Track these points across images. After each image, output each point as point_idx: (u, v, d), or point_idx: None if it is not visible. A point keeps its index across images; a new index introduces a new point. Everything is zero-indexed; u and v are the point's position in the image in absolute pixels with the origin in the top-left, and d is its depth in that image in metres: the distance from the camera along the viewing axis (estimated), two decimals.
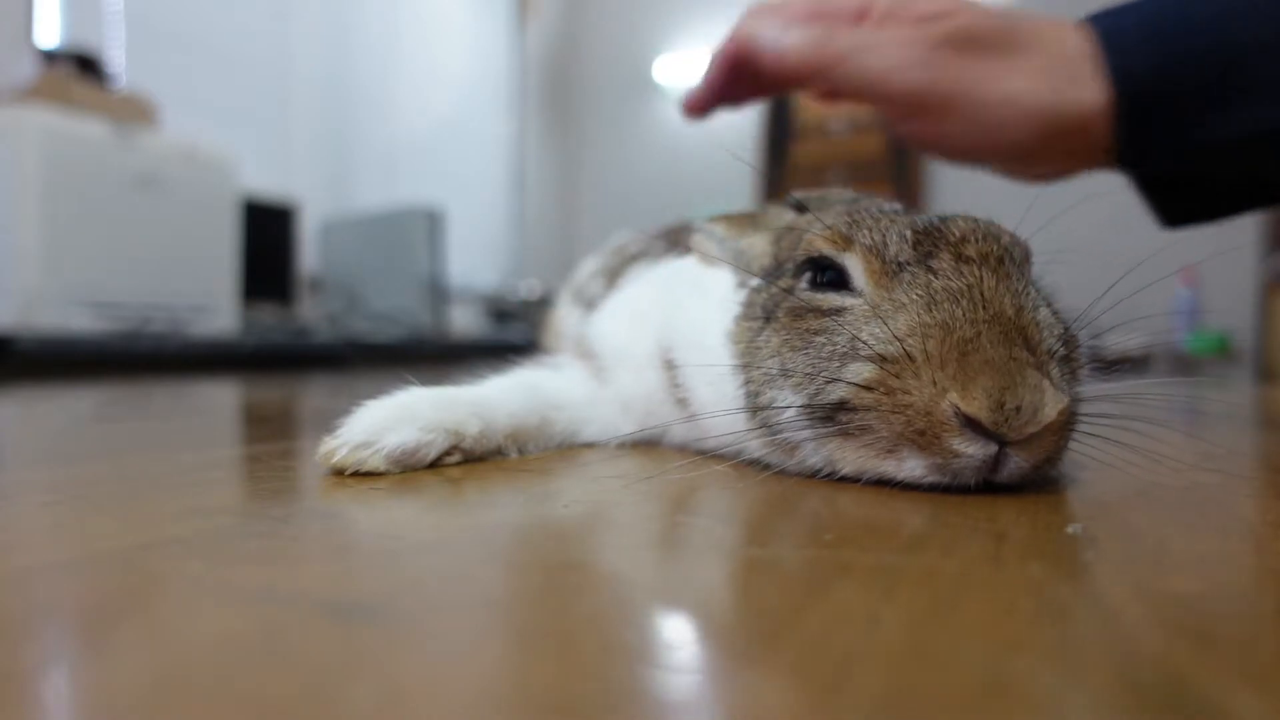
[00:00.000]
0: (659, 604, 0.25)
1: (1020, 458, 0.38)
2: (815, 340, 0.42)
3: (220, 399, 1.21)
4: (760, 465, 0.46)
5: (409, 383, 0.48)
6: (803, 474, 0.44)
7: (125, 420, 0.89)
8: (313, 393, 1.36)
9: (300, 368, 2.30)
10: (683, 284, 0.55)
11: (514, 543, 0.32)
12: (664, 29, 4.77)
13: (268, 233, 3.04)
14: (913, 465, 0.39)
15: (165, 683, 0.18)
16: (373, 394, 0.47)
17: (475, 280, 4.27)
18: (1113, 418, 0.43)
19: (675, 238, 0.80)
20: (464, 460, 0.48)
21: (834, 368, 0.41)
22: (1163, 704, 0.17)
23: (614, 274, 0.84)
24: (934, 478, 0.39)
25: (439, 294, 3.35)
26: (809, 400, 0.41)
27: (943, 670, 0.18)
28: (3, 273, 2.04)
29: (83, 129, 2.14)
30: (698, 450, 0.52)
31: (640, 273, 0.70)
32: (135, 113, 2.35)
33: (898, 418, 0.38)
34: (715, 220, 0.54)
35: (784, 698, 0.17)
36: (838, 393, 0.40)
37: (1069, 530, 0.33)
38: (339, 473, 0.43)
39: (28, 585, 0.25)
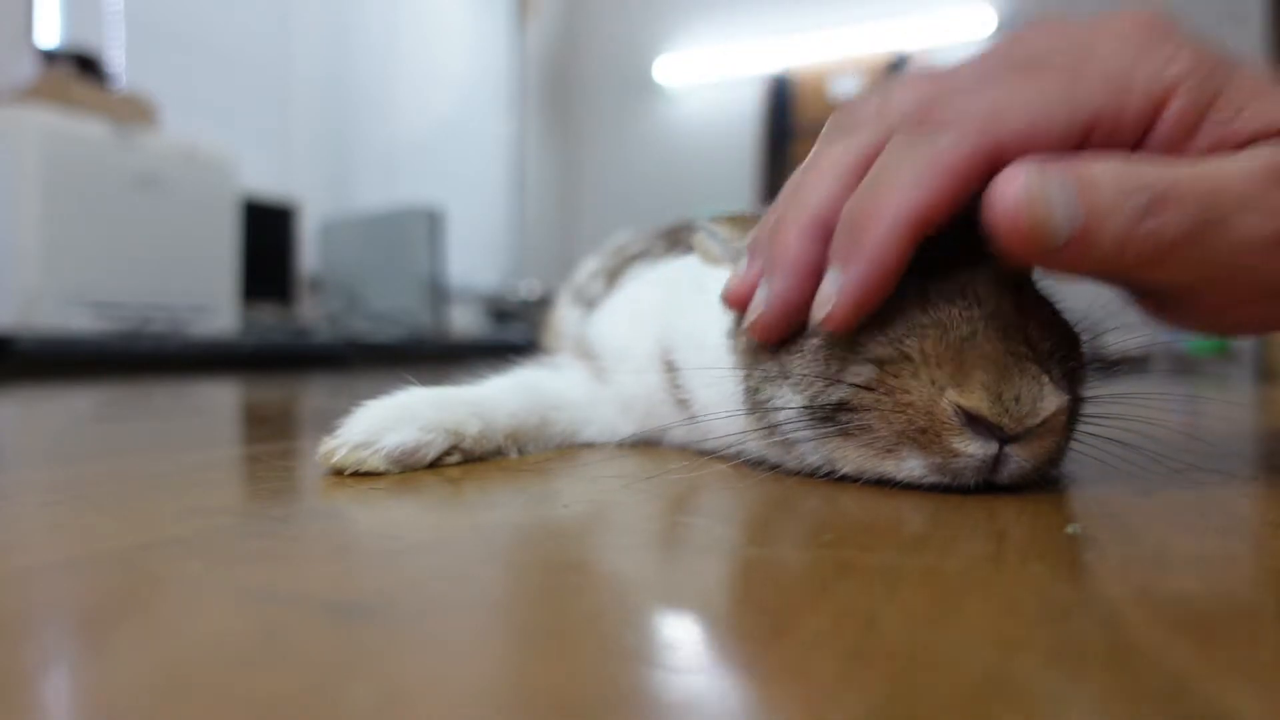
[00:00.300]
0: (659, 604, 0.25)
1: (1021, 458, 0.38)
2: (812, 341, 0.42)
3: (220, 399, 1.21)
4: (760, 464, 0.46)
5: (409, 383, 0.48)
6: (802, 472, 0.44)
7: (125, 420, 0.89)
8: (313, 393, 1.36)
9: (300, 368, 2.30)
10: (683, 284, 0.55)
11: (514, 543, 0.32)
12: (664, 29, 4.77)
13: (268, 233, 3.04)
14: (912, 465, 0.39)
15: (165, 683, 0.18)
16: (373, 394, 0.47)
17: (475, 280, 4.27)
18: (1113, 418, 0.43)
19: (675, 238, 0.80)
20: (464, 460, 0.48)
21: (833, 369, 0.41)
22: (1163, 704, 0.17)
23: (614, 274, 0.84)
24: (934, 478, 0.39)
25: (439, 294, 3.35)
26: (809, 401, 0.41)
27: (943, 670, 0.18)
28: (3, 273, 2.04)
29: (83, 129, 2.14)
30: (698, 450, 0.52)
31: (640, 273, 0.70)
32: (135, 113, 2.35)
33: (898, 417, 0.38)
34: (718, 221, 0.54)
35: (784, 698, 0.17)
36: (838, 394, 0.40)
37: (1069, 530, 0.33)
38: (339, 473, 0.43)
39: (28, 585, 0.25)
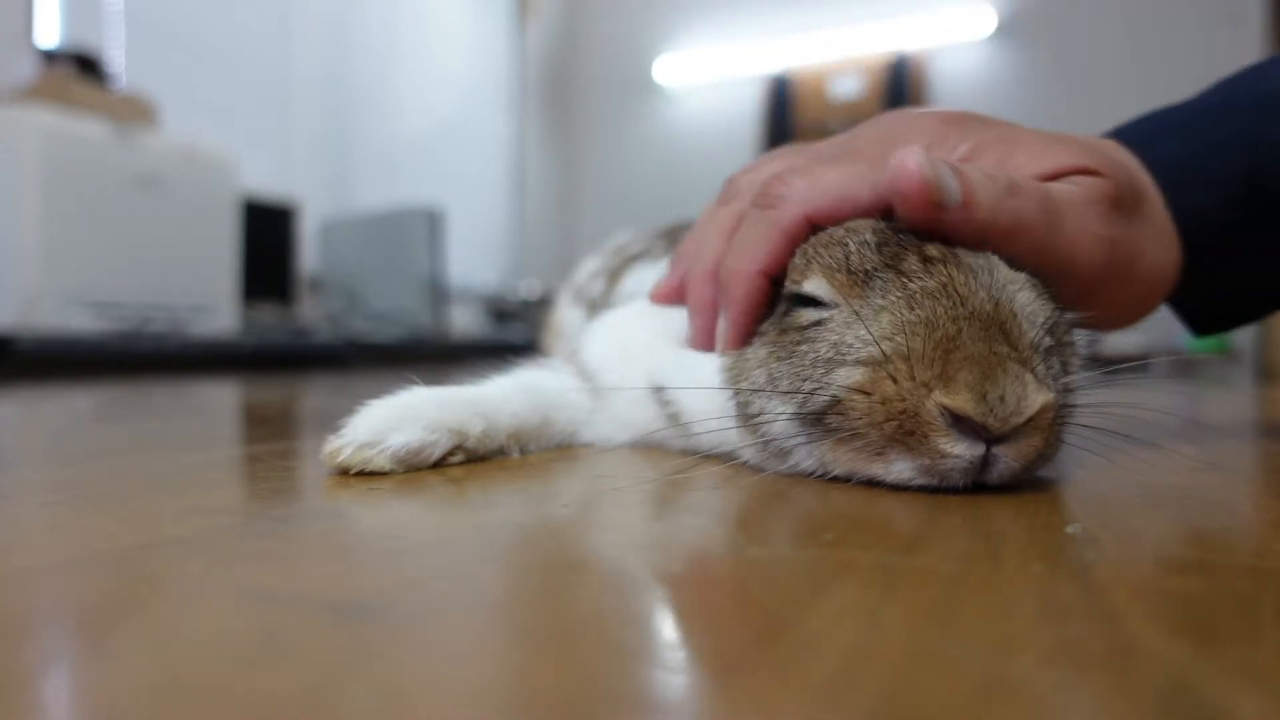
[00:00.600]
0: (659, 604, 0.25)
1: (1009, 458, 0.38)
2: (799, 350, 0.42)
3: (220, 399, 1.21)
4: (756, 469, 0.46)
5: (411, 382, 0.48)
6: (797, 476, 0.44)
7: (125, 420, 0.89)
8: (313, 393, 1.36)
9: (300, 368, 2.30)
10: (672, 313, 0.55)
11: (515, 542, 0.32)
12: (664, 29, 4.77)
13: (268, 233, 3.05)
14: (901, 467, 0.39)
15: (165, 683, 0.18)
16: (373, 394, 0.47)
17: (475, 280, 4.27)
18: (1107, 408, 0.43)
19: (675, 237, 0.80)
20: (467, 460, 0.48)
21: (821, 374, 0.41)
22: (1162, 704, 0.17)
23: (614, 274, 0.84)
24: (922, 480, 0.39)
25: (439, 294, 3.35)
26: (798, 408, 0.41)
27: (943, 670, 0.18)
28: (3, 273, 2.04)
29: (83, 129, 2.14)
30: (695, 452, 0.52)
31: (638, 274, 0.70)
32: (135, 113, 2.36)
33: (886, 421, 0.38)
34: None
35: (784, 698, 0.17)
36: (826, 397, 0.40)
37: (1069, 530, 0.33)
38: (344, 472, 0.43)
39: (28, 585, 0.25)
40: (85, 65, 2.35)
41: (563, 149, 5.07)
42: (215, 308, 2.48)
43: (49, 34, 2.53)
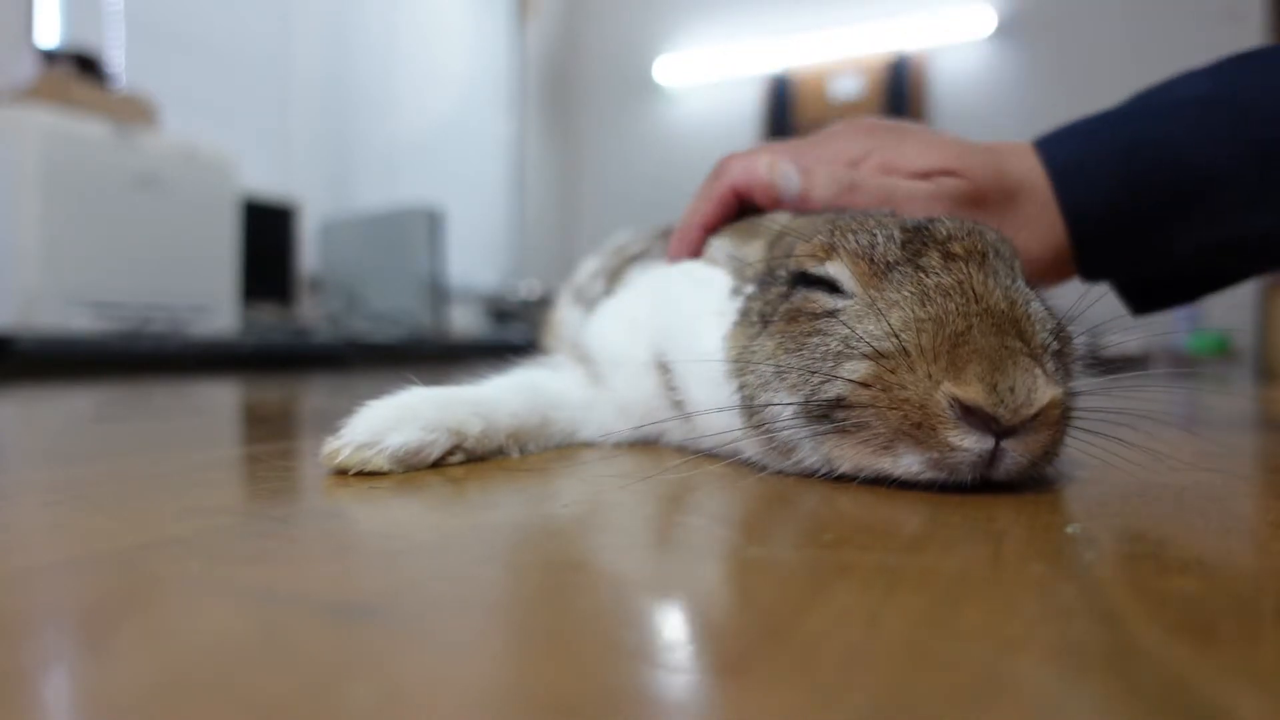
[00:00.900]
0: (659, 604, 0.25)
1: (1016, 453, 0.38)
2: (809, 342, 0.42)
3: (220, 399, 1.21)
4: (757, 466, 0.46)
5: (411, 382, 0.48)
6: (800, 474, 0.44)
7: (125, 420, 0.89)
8: (313, 393, 1.36)
9: (300, 368, 2.30)
10: (679, 289, 0.55)
11: (515, 542, 0.32)
12: (664, 29, 4.77)
13: (268, 233, 3.04)
14: (909, 461, 0.39)
15: (165, 683, 0.18)
16: (373, 394, 0.47)
17: (475, 280, 4.27)
18: (1109, 412, 0.43)
19: None
20: (466, 460, 0.48)
21: (829, 366, 0.41)
22: (1163, 704, 0.17)
23: (614, 274, 0.84)
24: (931, 474, 0.39)
25: (439, 294, 3.35)
26: (805, 399, 0.41)
27: (943, 670, 0.18)
28: (3, 273, 2.04)
29: (83, 129, 2.14)
30: (695, 450, 0.52)
31: (638, 275, 0.70)
32: (135, 113, 2.35)
33: (894, 413, 0.38)
34: (721, 234, 0.55)
35: (784, 697, 0.17)
36: (834, 390, 0.40)
37: (1069, 530, 0.33)
38: (342, 472, 0.43)
39: (28, 585, 0.25)
40: (85, 65, 2.35)
41: (563, 149, 5.07)
42: (215, 308, 2.48)
43: (49, 34, 2.53)
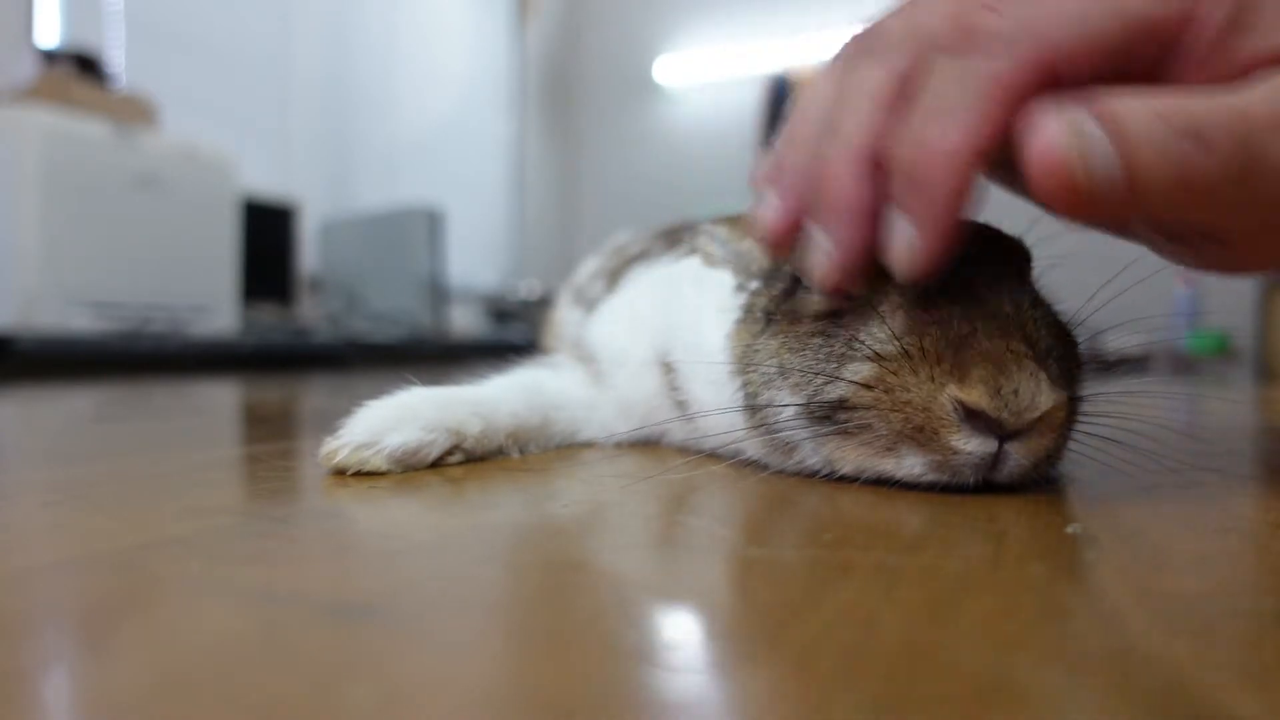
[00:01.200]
0: (659, 604, 0.25)
1: (1019, 455, 0.38)
2: (812, 342, 0.42)
3: (220, 399, 1.21)
4: (759, 466, 0.46)
5: (410, 382, 0.48)
6: (801, 474, 0.44)
7: (125, 420, 0.89)
8: (313, 393, 1.36)
9: (300, 368, 2.30)
10: (682, 287, 0.55)
11: (514, 542, 0.32)
12: (664, 29, 4.77)
13: (268, 233, 3.04)
14: (912, 463, 0.39)
15: (165, 683, 0.18)
16: (373, 394, 0.47)
17: (475, 280, 4.27)
18: (1112, 416, 0.43)
19: (675, 238, 0.80)
20: (466, 460, 0.48)
21: (832, 368, 0.41)
22: (1163, 704, 0.17)
23: (614, 275, 0.84)
24: (933, 476, 0.39)
25: (439, 294, 3.35)
26: (808, 400, 0.41)
27: (943, 670, 0.18)
28: (3, 273, 2.04)
29: (83, 129, 2.14)
30: (697, 450, 0.52)
31: (639, 275, 0.70)
32: (135, 113, 2.35)
33: (897, 415, 0.38)
34: (718, 222, 0.54)
35: (784, 697, 0.17)
36: (837, 391, 0.40)
37: (1069, 530, 0.33)
38: (341, 473, 0.43)
39: (28, 585, 0.25)
40: (85, 65, 2.35)
41: (563, 149, 5.07)
42: (215, 308, 2.47)
43: (49, 34, 2.53)
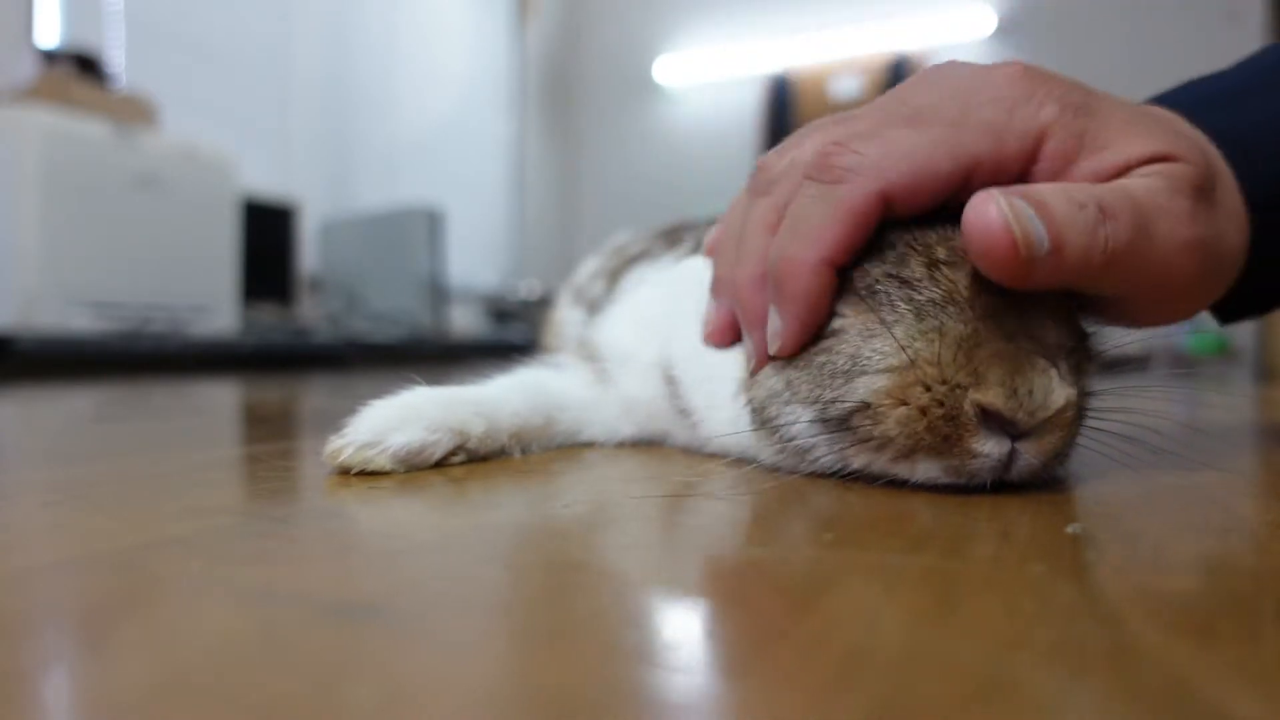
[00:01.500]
0: (660, 604, 0.25)
1: (1030, 454, 0.38)
2: (815, 360, 0.42)
3: (220, 399, 1.21)
4: (766, 468, 0.46)
5: (414, 382, 0.48)
6: (812, 472, 0.44)
7: (125, 420, 0.89)
8: (313, 393, 1.36)
9: (300, 368, 2.30)
10: (687, 292, 0.55)
11: (516, 543, 0.32)
12: (664, 29, 4.77)
13: (268, 233, 3.04)
14: (927, 468, 0.39)
15: (165, 683, 0.18)
16: (374, 394, 0.47)
17: (475, 280, 4.27)
18: (1117, 413, 0.43)
19: (675, 238, 0.80)
20: (468, 460, 0.48)
21: (839, 384, 0.40)
22: (1163, 704, 0.17)
23: (614, 275, 0.84)
24: (948, 480, 0.39)
25: (439, 294, 3.35)
26: (820, 414, 0.41)
27: (943, 670, 0.18)
28: (3, 273, 2.04)
29: (83, 129, 2.14)
30: (701, 451, 0.52)
31: (644, 275, 0.69)
32: (135, 113, 2.36)
33: (925, 430, 0.38)
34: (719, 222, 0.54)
35: (784, 698, 0.17)
36: (852, 400, 0.40)
37: (1069, 530, 0.33)
38: (344, 472, 0.43)
39: (28, 585, 0.25)
40: (85, 65, 2.35)
41: (563, 149, 5.07)
42: (215, 308, 2.48)
43: (49, 34, 2.53)
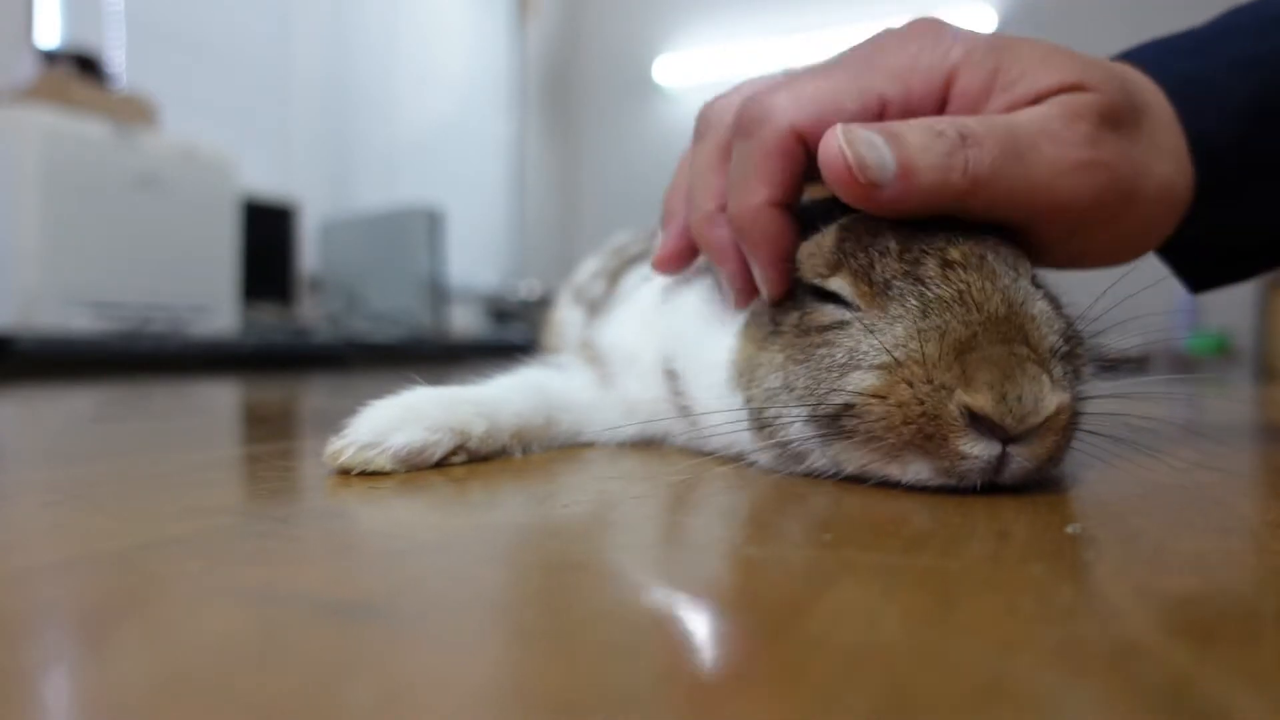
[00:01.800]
0: (659, 604, 0.25)
1: (1022, 457, 0.38)
2: (816, 354, 0.42)
3: (220, 399, 1.22)
4: (765, 469, 0.46)
5: (414, 382, 0.48)
6: (808, 476, 0.44)
7: (125, 420, 0.89)
8: (313, 393, 1.36)
9: (300, 368, 2.30)
10: (689, 296, 0.55)
11: (517, 542, 0.32)
12: (664, 29, 4.77)
13: (268, 233, 3.04)
14: (917, 469, 0.39)
15: (165, 683, 0.18)
16: (374, 394, 0.47)
17: (475, 280, 4.27)
18: (1114, 416, 0.43)
19: None
20: (469, 460, 0.48)
21: (834, 379, 0.41)
22: (1163, 704, 0.17)
23: (614, 275, 0.84)
24: (939, 481, 0.39)
25: (439, 294, 3.35)
26: (812, 412, 0.41)
27: (943, 670, 0.18)
28: (3, 273, 2.04)
29: (83, 129, 2.14)
30: (700, 451, 0.52)
31: (645, 274, 0.69)
32: (135, 113, 2.35)
33: (903, 424, 0.38)
34: None
35: (784, 698, 0.17)
36: (841, 399, 0.40)
37: (1069, 530, 0.33)
38: (345, 472, 0.43)
39: (28, 585, 0.25)
40: (85, 65, 2.35)
41: (563, 149, 5.07)
42: (215, 308, 2.48)
43: (49, 34, 2.53)
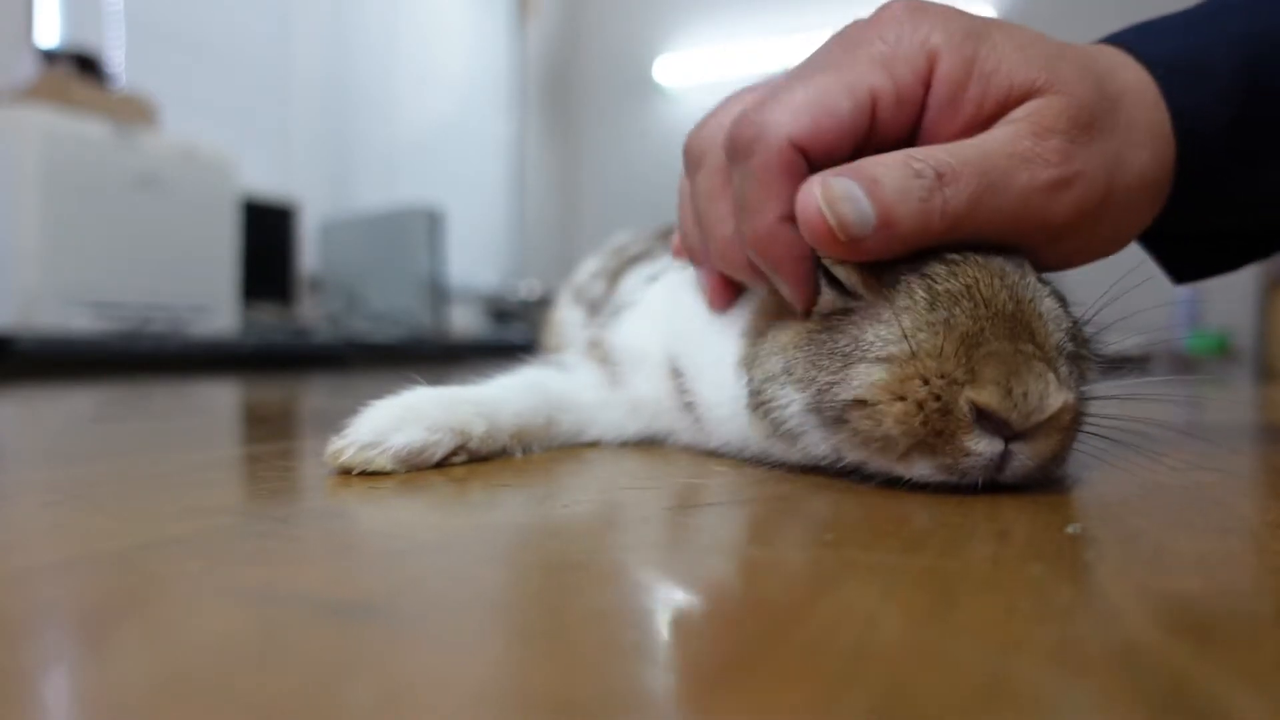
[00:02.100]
0: (660, 604, 0.25)
1: (1025, 455, 0.38)
2: (818, 338, 0.42)
3: (220, 399, 1.22)
4: (764, 461, 0.46)
5: (414, 382, 0.48)
6: (806, 463, 0.44)
7: (125, 420, 0.89)
8: (313, 393, 1.36)
9: (300, 368, 2.30)
10: (690, 290, 0.55)
11: (517, 542, 0.32)
12: (664, 29, 4.77)
13: (268, 233, 3.05)
14: (921, 466, 0.39)
15: (165, 683, 0.18)
16: (375, 394, 0.47)
17: (475, 280, 4.27)
18: (1117, 418, 0.43)
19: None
20: (470, 460, 0.48)
21: (836, 366, 0.41)
22: (1163, 704, 0.17)
23: (615, 275, 0.84)
24: (941, 478, 0.39)
25: (439, 294, 3.35)
26: (814, 400, 0.41)
27: (943, 670, 0.18)
28: (3, 273, 2.04)
29: (83, 129, 2.14)
30: (703, 449, 0.52)
31: (654, 274, 0.69)
32: (135, 113, 2.36)
33: (909, 418, 0.38)
34: None
35: (784, 697, 0.17)
36: (848, 393, 0.40)
37: (1069, 530, 0.33)
38: (346, 472, 0.43)
39: (28, 585, 0.25)
40: (85, 65, 2.35)
41: (563, 149, 5.07)
42: (215, 308, 2.48)
43: (49, 34, 2.53)
